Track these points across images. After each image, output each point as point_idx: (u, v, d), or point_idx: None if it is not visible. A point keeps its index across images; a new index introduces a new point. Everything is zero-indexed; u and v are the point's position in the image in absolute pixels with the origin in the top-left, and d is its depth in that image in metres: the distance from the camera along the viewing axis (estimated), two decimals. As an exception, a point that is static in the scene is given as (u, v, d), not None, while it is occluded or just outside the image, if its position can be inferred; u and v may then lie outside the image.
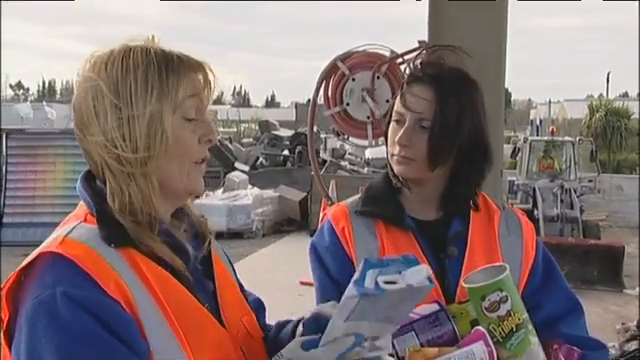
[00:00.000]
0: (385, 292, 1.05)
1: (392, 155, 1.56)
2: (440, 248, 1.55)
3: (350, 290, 1.08)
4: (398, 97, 1.56)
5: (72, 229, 1.13)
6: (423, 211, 1.58)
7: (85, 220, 1.15)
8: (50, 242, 1.12)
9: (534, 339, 1.38)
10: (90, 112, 1.14)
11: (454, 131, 1.50)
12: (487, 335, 1.35)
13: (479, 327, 1.37)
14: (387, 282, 1.07)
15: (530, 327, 1.38)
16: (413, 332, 1.38)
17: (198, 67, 1.18)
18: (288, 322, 1.33)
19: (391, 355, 1.35)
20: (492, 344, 1.34)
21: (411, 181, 1.57)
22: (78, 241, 1.11)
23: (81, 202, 1.19)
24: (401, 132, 1.52)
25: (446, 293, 1.50)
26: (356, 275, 1.08)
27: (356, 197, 1.64)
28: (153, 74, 1.14)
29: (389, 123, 1.59)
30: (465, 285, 1.40)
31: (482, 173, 1.58)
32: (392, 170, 1.58)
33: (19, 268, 1.10)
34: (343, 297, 1.09)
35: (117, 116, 1.12)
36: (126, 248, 1.12)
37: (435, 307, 1.43)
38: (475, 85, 1.57)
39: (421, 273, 1.09)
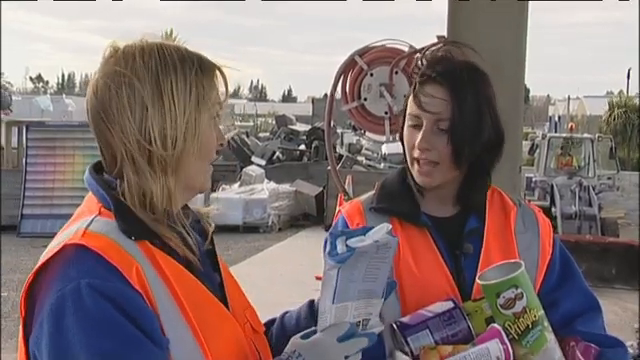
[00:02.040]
0: (356, 249, 1.13)
1: (413, 160, 1.52)
2: (456, 245, 1.53)
3: (327, 262, 1.15)
4: (411, 98, 1.53)
5: (90, 222, 1.13)
6: (438, 208, 1.57)
7: (100, 214, 1.14)
8: (70, 235, 1.11)
9: (550, 336, 1.37)
10: (122, 106, 1.13)
11: (475, 128, 1.48)
12: (502, 333, 1.33)
13: (494, 324, 1.36)
14: (355, 242, 1.15)
15: (546, 324, 1.37)
16: (427, 330, 1.37)
17: (223, 71, 1.20)
18: (284, 315, 1.39)
19: (405, 353, 1.35)
20: (508, 341, 1.33)
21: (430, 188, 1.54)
22: (100, 233, 1.11)
23: (89, 195, 1.19)
24: (420, 136, 1.49)
25: (462, 290, 1.48)
26: (327, 247, 1.16)
27: (370, 193, 1.62)
28: (191, 74, 1.15)
29: (403, 125, 1.56)
30: (480, 282, 1.39)
31: (492, 166, 1.56)
32: (410, 175, 1.55)
33: (43, 261, 1.10)
34: (323, 272, 1.17)
35: (157, 113, 1.12)
36: (143, 241, 1.12)
37: (450, 305, 1.41)
38: (486, 76, 1.54)
39: (382, 230, 1.18)
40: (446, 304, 1.42)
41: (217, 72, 1.19)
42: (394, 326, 1.39)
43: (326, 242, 1.18)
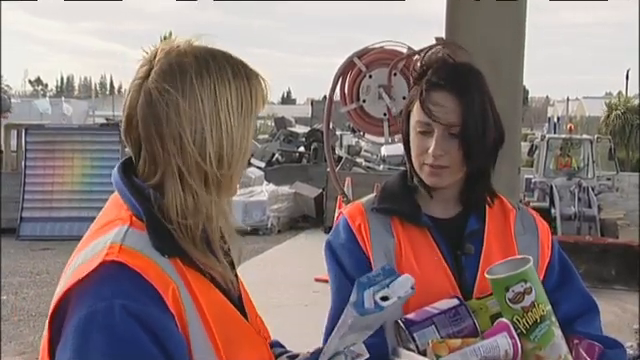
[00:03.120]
0: (384, 309, 1.17)
1: (422, 165, 1.53)
2: (456, 246, 1.54)
3: (350, 312, 1.18)
4: (417, 106, 1.52)
5: (125, 235, 1.08)
6: (439, 209, 1.58)
7: (132, 224, 1.10)
8: (106, 249, 1.06)
9: (557, 331, 1.37)
10: (180, 121, 1.08)
11: (482, 128, 1.49)
12: (511, 327, 1.34)
13: (502, 319, 1.36)
14: (382, 298, 1.18)
15: (554, 319, 1.38)
16: (433, 326, 1.38)
17: (262, 79, 1.17)
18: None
19: (410, 350, 1.35)
20: (516, 336, 1.33)
21: (438, 188, 1.55)
22: (136, 250, 1.06)
23: (116, 197, 1.14)
24: (433, 144, 1.49)
25: (463, 290, 1.49)
26: (353, 297, 1.18)
27: (372, 195, 1.63)
28: (242, 88, 1.12)
29: (407, 128, 1.56)
30: (488, 277, 1.39)
31: (494, 163, 1.57)
32: (417, 177, 1.56)
33: (79, 278, 1.04)
34: (342, 318, 1.20)
35: (215, 130, 1.09)
36: (174, 258, 1.09)
37: (455, 302, 1.42)
38: (482, 75, 1.55)
39: (407, 283, 1.21)
40: (451, 301, 1.43)
41: (260, 82, 1.16)
42: (399, 322, 1.39)
43: (353, 289, 1.20)
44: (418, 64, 1.57)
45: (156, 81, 1.09)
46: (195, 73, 1.09)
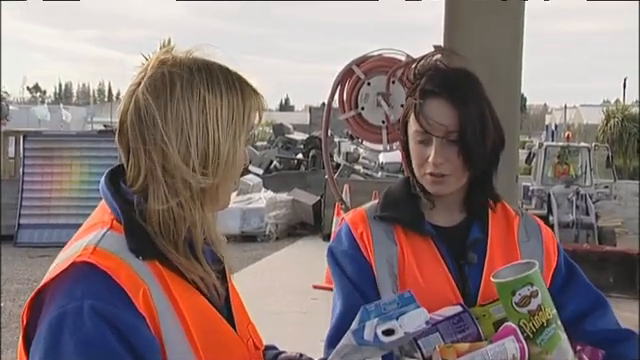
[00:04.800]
0: (383, 344, 1.10)
1: (423, 174, 1.52)
2: (459, 254, 1.53)
3: (348, 339, 1.12)
4: (413, 115, 1.51)
5: (102, 237, 1.10)
6: (442, 217, 1.57)
7: (112, 227, 1.12)
8: (80, 251, 1.09)
9: (563, 335, 1.37)
10: (165, 129, 1.09)
11: (481, 134, 1.48)
12: (518, 331, 1.33)
13: (509, 323, 1.35)
14: (386, 330, 1.11)
15: (559, 323, 1.37)
16: (438, 333, 1.37)
17: (257, 94, 1.18)
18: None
19: (414, 358, 1.34)
20: (523, 339, 1.32)
21: (441, 195, 1.55)
22: (109, 252, 1.08)
23: (103, 203, 1.16)
24: (433, 152, 1.48)
25: (467, 299, 1.48)
26: (354, 324, 1.13)
27: (373, 202, 1.62)
28: (235, 100, 1.13)
29: (405, 136, 1.56)
30: (494, 280, 1.38)
31: (496, 168, 1.56)
32: (419, 186, 1.55)
33: (51, 277, 1.08)
34: (341, 343, 1.14)
35: (201, 139, 1.10)
36: (152, 260, 1.10)
37: (458, 309, 1.42)
38: (477, 79, 1.55)
39: (420, 318, 1.14)
40: (454, 308, 1.42)
41: (255, 96, 1.17)
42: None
43: (358, 315, 1.15)
44: (412, 73, 1.57)
45: (146, 89, 1.11)
46: (186, 83, 1.10)
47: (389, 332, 1.12)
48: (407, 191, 1.59)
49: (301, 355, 1.31)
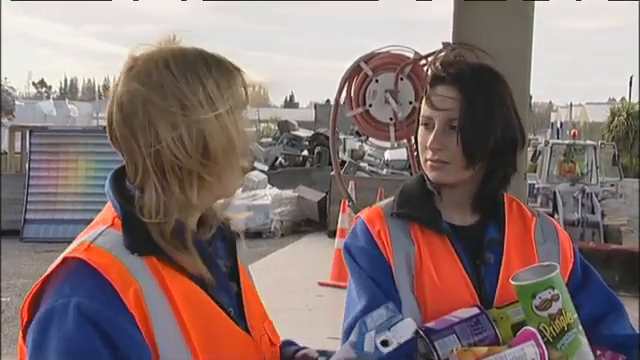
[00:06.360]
0: (383, 355, 1.17)
1: (425, 160, 1.52)
2: (476, 254, 1.52)
3: (347, 352, 1.19)
4: (423, 100, 1.54)
5: (99, 235, 1.11)
6: (458, 215, 1.56)
7: (112, 224, 1.12)
8: (76, 247, 1.10)
9: (584, 340, 1.34)
10: (150, 123, 1.09)
11: (486, 128, 1.47)
12: (538, 335, 1.30)
13: (528, 327, 1.32)
14: (382, 342, 1.19)
15: (580, 327, 1.34)
16: (455, 335, 1.35)
17: (238, 69, 1.17)
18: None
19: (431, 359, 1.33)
20: (543, 344, 1.29)
21: (445, 185, 1.54)
22: (103, 249, 1.08)
23: (109, 202, 1.17)
24: (432, 136, 1.49)
25: (483, 300, 1.47)
26: (353, 337, 1.20)
27: (389, 200, 1.61)
28: (216, 80, 1.12)
29: (417, 128, 1.56)
30: (514, 283, 1.35)
31: (514, 168, 1.55)
32: (425, 175, 1.55)
33: (46, 275, 1.09)
34: (338, 356, 1.20)
35: (186, 123, 1.09)
36: (150, 257, 1.09)
37: (475, 311, 1.40)
38: (500, 78, 1.55)
39: (409, 328, 1.23)
40: (471, 310, 1.40)
41: (237, 72, 1.15)
42: (419, 331, 1.35)
43: (355, 328, 1.23)
44: (432, 66, 1.59)
45: (124, 85, 1.11)
46: (162, 71, 1.10)
47: (385, 343, 1.18)
48: (422, 187, 1.57)
49: (324, 352, 1.30)
